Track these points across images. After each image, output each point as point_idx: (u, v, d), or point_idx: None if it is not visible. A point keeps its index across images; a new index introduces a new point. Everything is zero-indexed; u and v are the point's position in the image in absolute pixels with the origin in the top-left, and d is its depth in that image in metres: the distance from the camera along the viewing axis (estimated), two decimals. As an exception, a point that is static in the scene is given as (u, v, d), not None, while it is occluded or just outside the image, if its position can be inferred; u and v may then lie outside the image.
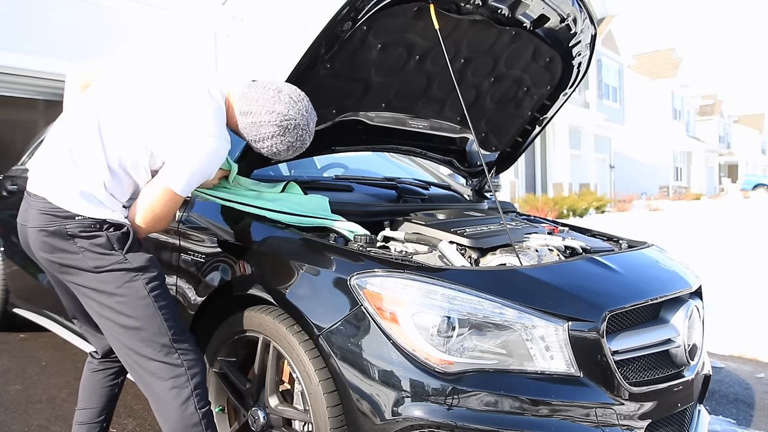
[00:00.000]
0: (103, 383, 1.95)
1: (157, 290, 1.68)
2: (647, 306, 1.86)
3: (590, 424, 1.60)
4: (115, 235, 1.66)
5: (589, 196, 17.04)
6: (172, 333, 1.68)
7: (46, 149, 1.75)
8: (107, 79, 1.79)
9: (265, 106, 1.76)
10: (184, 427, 1.65)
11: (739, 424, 2.71)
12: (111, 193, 1.68)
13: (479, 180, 3.07)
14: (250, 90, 1.80)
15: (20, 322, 3.65)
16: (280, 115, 1.76)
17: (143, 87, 1.75)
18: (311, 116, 1.84)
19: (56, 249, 1.64)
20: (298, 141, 1.82)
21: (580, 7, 2.32)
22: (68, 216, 1.63)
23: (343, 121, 2.33)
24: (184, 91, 1.74)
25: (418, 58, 2.25)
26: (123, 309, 1.65)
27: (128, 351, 1.68)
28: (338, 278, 1.70)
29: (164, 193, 1.70)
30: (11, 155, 4.43)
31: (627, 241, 2.48)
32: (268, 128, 1.77)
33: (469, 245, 2.02)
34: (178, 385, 1.66)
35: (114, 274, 1.65)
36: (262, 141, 1.80)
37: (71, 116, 1.75)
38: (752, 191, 31.23)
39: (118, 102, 1.72)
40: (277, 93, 1.78)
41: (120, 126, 1.68)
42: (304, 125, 1.81)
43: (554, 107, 2.81)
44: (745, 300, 5.03)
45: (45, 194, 1.65)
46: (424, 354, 1.57)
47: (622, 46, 23.84)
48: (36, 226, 1.65)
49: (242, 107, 1.79)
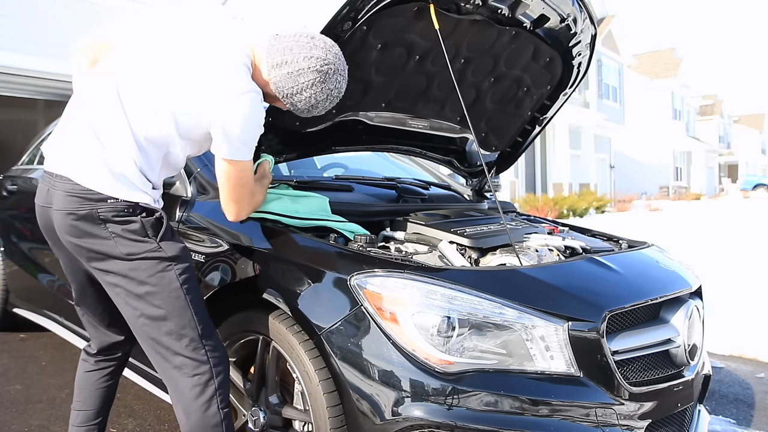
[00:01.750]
0: (99, 384, 1.90)
1: (188, 282, 1.63)
2: (647, 306, 1.86)
3: (590, 424, 1.60)
4: (149, 221, 1.60)
5: (589, 196, 17.05)
6: (201, 328, 1.63)
7: (65, 125, 1.66)
8: (121, 44, 1.68)
9: (302, 52, 1.64)
10: (204, 427, 1.61)
11: (739, 424, 2.71)
12: (142, 171, 1.60)
13: (479, 180, 3.07)
14: (278, 42, 1.68)
15: (20, 322, 3.66)
16: (319, 59, 1.64)
17: (162, 49, 1.64)
18: (345, 64, 1.74)
19: (86, 234, 1.57)
20: (336, 89, 1.72)
21: (580, 7, 2.31)
22: (100, 199, 1.55)
23: (343, 121, 2.33)
24: (206, 49, 1.64)
25: (418, 58, 2.25)
26: (153, 299, 1.59)
27: (153, 343, 1.63)
28: (338, 278, 1.70)
29: (229, 167, 1.65)
30: (11, 155, 4.43)
31: (627, 241, 2.48)
32: (308, 75, 1.65)
33: (469, 245, 2.02)
34: (202, 383, 1.62)
35: (147, 262, 1.58)
36: (301, 92, 1.67)
37: (88, 89, 1.65)
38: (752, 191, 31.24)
39: (136, 68, 1.62)
40: (311, 39, 1.67)
41: (142, 94, 1.60)
42: (342, 70, 1.71)
43: (554, 107, 2.81)
44: (745, 300, 5.03)
45: (72, 175, 1.57)
46: (424, 354, 1.57)
47: (622, 46, 23.85)
48: (63, 208, 1.57)
49: (274, 59, 1.66)
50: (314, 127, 2.25)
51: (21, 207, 3.53)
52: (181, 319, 1.61)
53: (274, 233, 1.94)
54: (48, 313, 3.25)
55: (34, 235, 3.33)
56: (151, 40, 1.67)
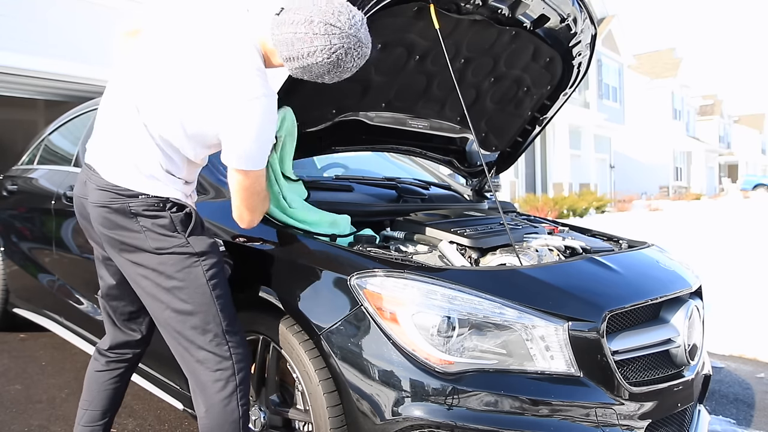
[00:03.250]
0: (108, 384, 1.90)
1: (216, 278, 1.64)
2: (647, 306, 1.86)
3: (590, 424, 1.60)
4: (178, 216, 1.62)
5: (589, 196, 17.04)
6: (226, 324, 1.64)
7: (102, 120, 1.70)
8: (143, 38, 1.67)
9: (303, 47, 1.51)
10: (224, 422, 1.62)
11: (739, 424, 2.71)
12: (168, 171, 1.63)
13: (479, 180, 3.07)
14: (280, 30, 1.54)
15: (20, 322, 3.65)
16: (324, 50, 1.51)
17: (171, 49, 1.61)
18: (357, 25, 1.54)
19: (118, 226, 1.61)
20: (357, 59, 1.57)
21: (580, 7, 2.32)
22: (131, 194, 1.59)
23: (343, 121, 2.33)
24: (215, 51, 1.57)
25: (418, 58, 2.25)
26: (179, 293, 1.61)
27: (178, 336, 1.64)
28: (338, 278, 1.70)
29: (244, 177, 1.60)
30: (11, 155, 4.43)
31: (627, 241, 2.48)
32: (318, 68, 1.55)
33: (469, 245, 2.02)
34: (224, 378, 1.62)
35: (175, 257, 1.60)
36: (322, 76, 1.58)
37: (112, 95, 1.68)
38: (752, 191, 31.23)
39: (148, 70, 1.61)
40: (309, 25, 1.50)
41: (153, 98, 1.59)
42: (357, 42, 1.53)
43: (554, 107, 2.81)
44: (746, 300, 5.02)
45: (105, 174, 1.61)
46: (424, 354, 1.57)
47: (622, 46, 23.84)
48: (97, 202, 1.62)
49: (283, 53, 1.56)
50: (314, 127, 2.25)
51: (21, 207, 3.53)
52: (207, 315, 1.62)
53: (274, 233, 1.94)
54: (48, 313, 3.25)
55: (34, 234, 3.34)
56: (164, 37, 1.64)
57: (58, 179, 3.14)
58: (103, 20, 7.93)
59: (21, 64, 7.06)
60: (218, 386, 1.62)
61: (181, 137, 1.61)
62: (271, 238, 1.94)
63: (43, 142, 3.69)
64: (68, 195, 2.88)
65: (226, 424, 1.62)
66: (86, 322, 2.84)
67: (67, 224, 2.91)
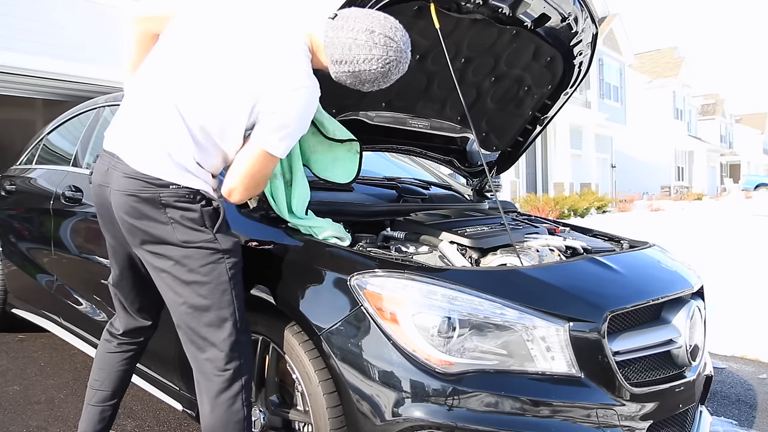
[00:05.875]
0: (119, 366, 1.92)
1: (236, 277, 1.65)
2: (649, 306, 1.85)
3: (591, 425, 1.59)
4: (207, 210, 1.61)
5: (591, 196, 17.01)
6: (240, 324, 1.65)
7: (129, 107, 1.67)
8: (179, 24, 1.66)
9: (361, 53, 1.60)
10: (228, 422, 1.62)
11: (741, 425, 2.69)
12: (199, 163, 1.62)
13: (480, 180, 3.06)
14: (336, 34, 1.62)
15: (19, 322, 3.64)
16: (381, 60, 1.61)
17: (216, 37, 1.62)
18: (408, 44, 1.67)
19: (144, 216, 1.58)
20: (399, 74, 1.69)
21: (582, 6, 2.31)
22: (162, 184, 1.57)
23: (343, 121, 2.32)
24: (262, 39, 1.61)
25: (418, 58, 2.24)
26: (199, 289, 1.60)
27: (190, 332, 1.64)
28: (338, 278, 1.70)
29: (261, 156, 1.62)
30: (10, 155, 4.42)
31: (628, 242, 2.47)
32: (368, 75, 1.63)
33: (470, 245, 2.01)
34: (231, 378, 1.62)
35: (201, 251, 1.60)
36: (362, 84, 1.68)
37: (144, 83, 1.66)
38: (754, 191, 31.16)
39: (190, 65, 1.61)
40: (369, 34, 1.59)
41: (197, 93, 1.59)
42: (405, 57, 1.66)
43: (555, 107, 2.80)
44: (748, 300, 5.01)
45: (132, 161, 1.58)
46: (424, 354, 1.56)
47: (624, 46, 23.82)
48: (123, 190, 1.59)
49: (334, 55, 1.63)
50: (314, 126, 2.24)
51: (19, 207, 3.52)
52: (223, 313, 1.62)
53: (273, 233, 1.93)
54: (46, 313, 3.24)
55: (32, 235, 3.33)
56: (204, 26, 1.64)
57: (57, 179, 3.13)
58: (103, 20, 7.94)
59: (21, 64, 7.06)
60: (225, 386, 1.62)
61: (224, 127, 1.61)
62: (272, 238, 1.93)
63: (42, 141, 3.68)
64: (67, 195, 2.87)
65: (231, 423, 1.62)
66: (85, 323, 2.83)
67: (66, 224, 2.90)
